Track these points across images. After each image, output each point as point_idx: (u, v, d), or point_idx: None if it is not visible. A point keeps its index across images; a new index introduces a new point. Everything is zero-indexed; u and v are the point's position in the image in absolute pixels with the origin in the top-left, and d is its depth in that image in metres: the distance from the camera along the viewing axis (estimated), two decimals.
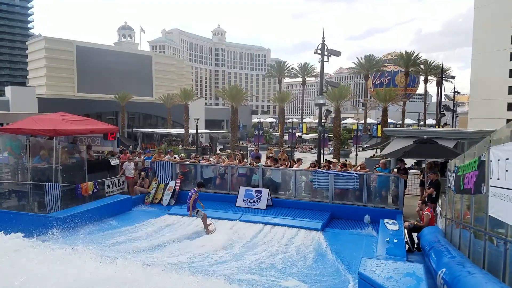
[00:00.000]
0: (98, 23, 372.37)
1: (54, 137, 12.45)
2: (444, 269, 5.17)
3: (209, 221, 12.04)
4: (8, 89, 42.78)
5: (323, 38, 18.69)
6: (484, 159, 5.37)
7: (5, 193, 12.87)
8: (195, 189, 11.64)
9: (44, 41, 57.56)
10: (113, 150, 15.88)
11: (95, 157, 15.13)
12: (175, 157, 16.77)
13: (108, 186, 14.14)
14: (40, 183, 12.10)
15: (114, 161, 15.01)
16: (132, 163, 15.37)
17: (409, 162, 15.66)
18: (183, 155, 18.39)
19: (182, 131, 40.12)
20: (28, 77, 66.27)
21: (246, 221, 12.10)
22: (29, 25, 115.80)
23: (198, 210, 11.25)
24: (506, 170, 4.46)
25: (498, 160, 4.71)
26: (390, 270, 5.68)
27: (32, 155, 12.50)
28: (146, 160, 16.13)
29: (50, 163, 12.48)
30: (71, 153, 13.95)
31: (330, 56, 18.79)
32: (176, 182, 15.16)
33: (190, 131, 38.69)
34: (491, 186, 4.92)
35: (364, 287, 5.45)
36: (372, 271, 5.59)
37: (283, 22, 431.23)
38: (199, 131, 33.89)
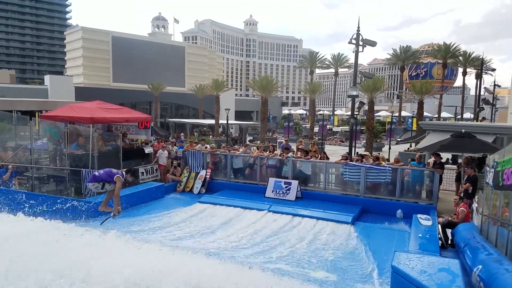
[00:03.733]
0: (133, 14, 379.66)
1: (91, 125, 12.89)
2: (480, 266, 5.01)
3: (236, 210, 12.21)
4: (47, 78, 44.32)
5: (358, 27, 18.29)
6: None
7: (44, 178, 13.41)
8: (123, 172, 8.73)
9: (81, 31, 59.21)
10: (147, 139, 16.28)
11: (129, 145, 15.55)
12: (206, 147, 16.98)
13: (142, 173, 14.52)
14: (77, 169, 12.57)
15: (148, 149, 15.39)
16: (166, 152, 15.70)
17: (445, 157, 15.18)
18: (213, 145, 18.61)
19: (212, 121, 40.56)
20: (66, 66, 68.56)
21: (276, 212, 12.12)
22: (67, 16, 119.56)
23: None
24: None
25: None
26: (424, 265, 5.55)
27: (70, 142, 12.95)
28: (178, 149, 16.46)
29: (87, 150, 12.90)
30: (107, 140, 14.40)
31: (365, 46, 18.40)
32: (206, 172, 15.37)
33: (221, 121, 39.06)
34: None
35: (397, 280, 5.37)
36: (406, 265, 5.49)
37: (316, 12, 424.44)
38: (229, 122, 34.13)
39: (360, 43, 18.52)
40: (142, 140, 16.38)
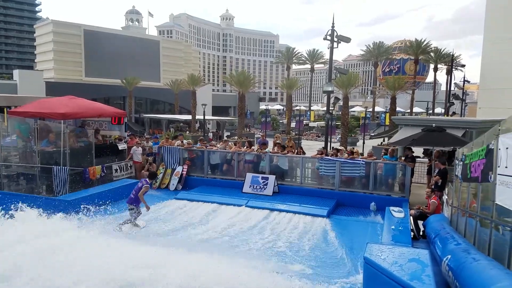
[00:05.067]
0: (106, 7, 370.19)
1: (62, 121, 12.53)
2: (449, 256, 5.19)
3: (213, 206, 12.21)
4: (16, 73, 42.77)
5: (333, 24, 18.48)
6: (492, 147, 5.33)
7: (14, 176, 13.00)
8: (146, 179, 10.02)
9: (52, 24, 57.44)
10: (121, 135, 15.97)
11: (102, 141, 15.23)
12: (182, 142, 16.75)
13: (116, 170, 14.27)
14: (48, 166, 12.21)
15: (121, 146, 15.12)
16: (140, 148, 15.47)
17: (418, 152, 15.57)
18: (190, 140, 18.43)
19: (189, 117, 40.19)
20: (36, 60, 66.46)
21: (253, 207, 12.18)
22: (37, 9, 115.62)
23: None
24: None
25: (507, 148, 4.67)
26: (395, 255, 5.71)
27: (40, 139, 12.57)
28: (153, 146, 16.24)
29: (58, 146, 12.55)
30: (79, 137, 14.04)
31: (340, 43, 18.61)
32: (183, 168, 15.25)
33: (197, 117, 38.75)
34: (498, 174, 4.89)
35: (370, 271, 5.50)
36: (378, 256, 5.63)
37: (293, 8, 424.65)
38: (206, 117, 33.91)
39: (335, 39, 18.72)
40: (115, 136, 16.06)
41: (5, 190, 11.84)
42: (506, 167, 4.66)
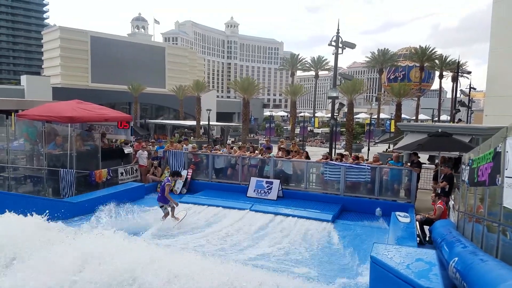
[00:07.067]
0: (112, 14, 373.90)
1: (69, 124, 12.65)
2: (456, 259, 5.15)
3: (218, 209, 12.24)
4: (24, 78, 43.13)
5: (338, 29, 18.55)
6: (499, 150, 5.31)
7: (21, 178, 13.11)
8: (168, 178, 11.14)
9: (59, 31, 58.17)
10: (127, 139, 16.07)
11: (108, 145, 15.33)
12: (187, 148, 16.79)
13: (122, 173, 14.35)
14: (55, 169, 12.31)
15: (127, 149, 15.20)
16: (146, 152, 15.54)
17: (423, 159, 15.47)
18: (194, 145, 18.47)
19: (194, 122, 40.31)
20: (43, 66, 67.19)
21: (257, 211, 12.15)
22: (44, 15, 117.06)
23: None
24: None
25: None
26: (402, 255, 5.68)
27: (47, 142, 12.70)
28: (158, 150, 16.32)
29: (65, 149, 12.68)
30: (86, 140, 14.16)
31: (345, 49, 18.66)
32: (188, 172, 15.29)
33: (202, 122, 38.87)
34: (506, 177, 4.86)
35: (376, 270, 5.46)
36: (385, 255, 5.59)
37: (298, 15, 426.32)
38: (210, 123, 34.00)
39: (340, 45, 18.78)
40: (121, 140, 16.16)
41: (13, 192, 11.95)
42: None
